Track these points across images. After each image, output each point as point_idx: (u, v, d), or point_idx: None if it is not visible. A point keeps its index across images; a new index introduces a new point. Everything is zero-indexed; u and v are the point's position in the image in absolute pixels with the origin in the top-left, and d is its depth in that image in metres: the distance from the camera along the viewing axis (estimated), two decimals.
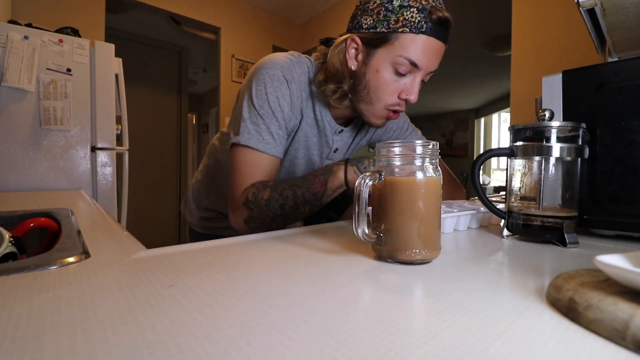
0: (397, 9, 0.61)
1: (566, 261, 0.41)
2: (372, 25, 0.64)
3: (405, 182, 0.38)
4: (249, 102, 0.70)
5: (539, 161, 0.50)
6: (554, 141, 0.48)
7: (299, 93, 0.72)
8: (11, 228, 0.58)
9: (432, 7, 0.61)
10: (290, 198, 0.64)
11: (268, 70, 0.69)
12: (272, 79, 0.69)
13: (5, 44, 1.47)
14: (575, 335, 0.22)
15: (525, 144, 0.50)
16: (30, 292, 0.29)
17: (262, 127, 0.68)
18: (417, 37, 0.61)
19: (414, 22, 0.61)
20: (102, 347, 0.20)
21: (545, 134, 0.49)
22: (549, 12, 1.76)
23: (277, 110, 0.69)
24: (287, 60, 0.72)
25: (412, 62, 0.62)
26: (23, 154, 1.53)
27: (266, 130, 0.68)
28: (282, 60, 0.71)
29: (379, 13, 0.63)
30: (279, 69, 0.70)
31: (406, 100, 0.67)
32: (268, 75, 0.69)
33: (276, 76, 0.69)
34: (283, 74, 0.70)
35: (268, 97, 0.68)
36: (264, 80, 0.69)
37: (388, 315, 0.25)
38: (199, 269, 0.35)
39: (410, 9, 0.61)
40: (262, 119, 0.68)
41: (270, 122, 0.69)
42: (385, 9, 0.62)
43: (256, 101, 0.69)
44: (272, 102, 0.69)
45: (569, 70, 0.54)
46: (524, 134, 0.50)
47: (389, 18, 0.62)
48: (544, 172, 0.50)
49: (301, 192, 0.64)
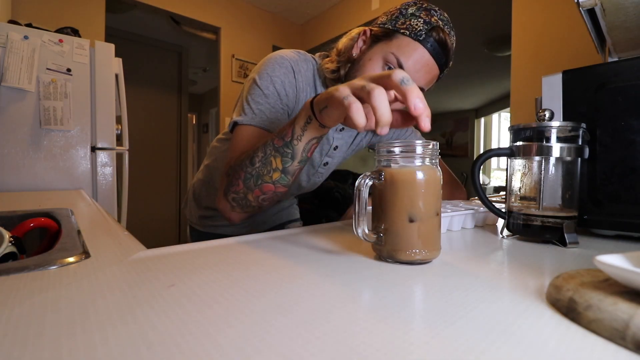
0: (409, 15, 0.66)
1: (566, 261, 0.41)
2: (384, 22, 0.69)
3: (405, 182, 0.38)
4: (254, 85, 0.70)
5: (539, 161, 0.50)
6: (554, 141, 0.48)
7: (304, 86, 0.74)
8: (11, 228, 0.58)
9: (438, 26, 0.64)
10: (259, 149, 0.58)
11: (277, 59, 0.72)
12: (281, 66, 0.71)
13: (5, 44, 1.47)
14: (575, 335, 0.22)
15: (525, 144, 0.50)
16: (30, 292, 0.29)
17: (265, 106, 0.68)
18: (413, 43, 0.64)
19: (416, 29, 0.64)
20: (102, 347, 0.20)
21: (545, 134, 0.49)
22: (549, 12, 1.76)
23: (283, 94, 0.70)
24: (295, 55, 0.75)
25: (399, 63, 0.65)
26: (23, 154, 1.53)
27: (270, 109, 0.69)
28: (290, 54, 0.74)
29: (394, 14, 0.68)
30: (287, 60, 0.72)
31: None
32: (277, 62, 0.71)
33: (284, 65, 0.71)
34: (291, 65, 0.72)
35: (274, 79, 0.70)
36: (273, 67, 0.71)
37: (388, 315, 0.25)
38: (199, 269, 0.35)
39: (419, 18, 0.65)
40: (267, 98, 0.69)
41: (275, 103, 0.69)
42: (400, 13, 0.67)
43: (261, 82, 0.69)
44: (278, 85, 0.70)
45: (569, 70, 0.54)
46: (524, 134, 0.50)
47: (399, 19, 0.66)
48: (544, 172, 0.50)
49: (270, 141, 0.57)
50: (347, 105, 0.40)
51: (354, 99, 0.41)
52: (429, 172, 0.38)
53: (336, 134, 0.81)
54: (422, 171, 0.38)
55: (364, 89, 0.40)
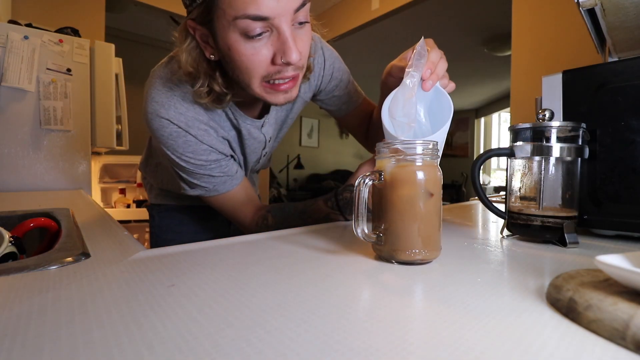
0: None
1: (566, 261, 0.41)
2: (189, 2, 0.50)
3: (405, 181, 0.38)
4: (177, 164, 0.64)
5: (539, 161, 0.50)
6: (554, 141, 0.48)
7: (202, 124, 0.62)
8: (11, 228, 0.58)
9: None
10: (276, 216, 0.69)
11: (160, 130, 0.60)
12: (175, 139, 0.61)
13: (5, 44, 1.47)
14: (575, 335, 0.22)
15: (525, 143, 0.50)
16: (30, 292, 0.29)
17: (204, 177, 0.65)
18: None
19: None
20: (102, 347, 0.20)
21: (545, 134, 0.49)
22: (549, 12, 1.76)
23: (203, 160, 0.63)
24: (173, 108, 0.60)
25: (253, 16, 0.46)
26: (23, 154, 1.53)
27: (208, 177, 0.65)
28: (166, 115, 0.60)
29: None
30: (173, 126, 0.60)
31: (288, 63, 0.50)
32: (165, 136, 0.61)
33: (173, 135, 0.60)
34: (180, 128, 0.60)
35: (185, 159, 0.62)
36: (168, 145, 0.62)
37: (388, 315, 0.25)
38: (199, 269, 0.35)
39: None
40: (197, 173, 0.65)
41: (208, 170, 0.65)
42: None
43: (180, 163, 0.63)
44: (193, 160, 0.63)
45: (569, 70, 0.54)
46: (524, 134, 0.50)
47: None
48: (544, 172, 0.50)
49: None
50: None
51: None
52: (429, 172, 0.38)
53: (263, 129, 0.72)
54: (422, 171, 0.38)
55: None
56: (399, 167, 0.38)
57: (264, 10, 0.45)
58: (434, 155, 0.39)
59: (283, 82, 0.53)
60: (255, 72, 0.52)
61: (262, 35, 0.48)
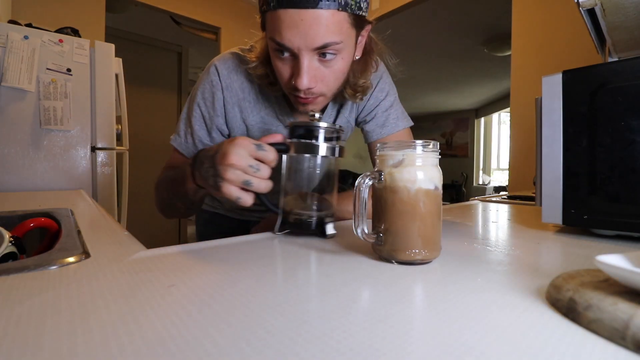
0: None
1: (566, 261, 0.41)
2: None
3: (405, 181, 0.38)
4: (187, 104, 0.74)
5: (308, 158, 0.53)
6: (322, 140, 0.50)
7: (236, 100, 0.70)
8: (11, 228, 0.58)
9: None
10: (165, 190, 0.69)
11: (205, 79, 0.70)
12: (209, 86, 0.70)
13: (5, 44, 1.47)
14: (575, 335, 0.22)
15: (298, 141, 0.51)
16: (30, 292, 0.29)
17: (188, 130, 0.72)
18: (274, 13, 0.52)
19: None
20: (102, 347, 0.20)
21: (314, 133, 0.51)
22: (549, 12, 1.76)
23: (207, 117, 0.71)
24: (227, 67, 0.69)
25: (276, 42, 0.54)
26: (23, 154, 1.53)
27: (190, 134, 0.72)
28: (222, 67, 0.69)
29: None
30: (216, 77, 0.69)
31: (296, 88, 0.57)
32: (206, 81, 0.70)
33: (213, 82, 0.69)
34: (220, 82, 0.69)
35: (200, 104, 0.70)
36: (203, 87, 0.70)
37: (388, 315, 0.25)
38: (199, 269, 0.35)
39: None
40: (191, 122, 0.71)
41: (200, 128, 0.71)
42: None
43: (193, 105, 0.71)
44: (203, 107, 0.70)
45: (569, 70, 0.54)
46: (299, 131, 0.52)
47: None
48: (310, 169, 0.53)
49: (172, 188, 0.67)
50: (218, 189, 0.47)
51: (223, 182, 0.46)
52: (429, 172, 0.38)
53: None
54: (422, 171, 0.38)
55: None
56: (399, 167, 0.38)
57: (285, 41, 0.53)
58: (433, 155, 0.39)
59: (301, 97, 0.60)
60: (282, 81, 0.60)
61: (286, 55, 0.56)
